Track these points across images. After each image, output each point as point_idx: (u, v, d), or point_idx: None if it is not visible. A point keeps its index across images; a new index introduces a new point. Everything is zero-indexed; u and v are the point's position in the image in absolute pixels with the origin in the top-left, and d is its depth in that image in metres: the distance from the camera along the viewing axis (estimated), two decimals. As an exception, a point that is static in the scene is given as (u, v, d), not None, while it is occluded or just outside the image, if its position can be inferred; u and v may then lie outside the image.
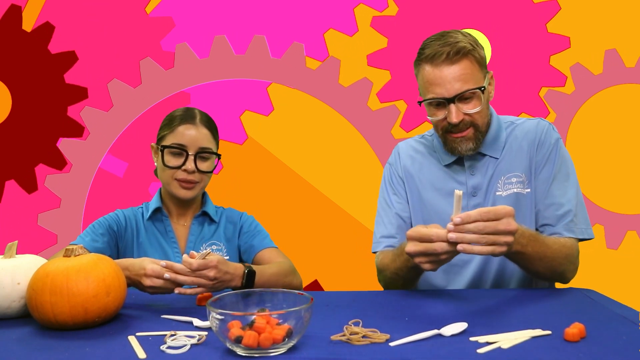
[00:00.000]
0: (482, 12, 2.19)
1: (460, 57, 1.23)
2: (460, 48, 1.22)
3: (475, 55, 1.25)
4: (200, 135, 1.40)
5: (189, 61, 2.26)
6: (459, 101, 1.24)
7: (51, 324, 0.96)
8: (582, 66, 2.17)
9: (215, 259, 1.10)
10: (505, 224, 1.00)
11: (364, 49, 2.22)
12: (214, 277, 1.10)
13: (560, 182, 1.29)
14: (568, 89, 2.18)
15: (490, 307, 1.06)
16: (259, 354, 0.80)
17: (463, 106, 1.25)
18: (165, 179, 1.42)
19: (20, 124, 2.26)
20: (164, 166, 1.40)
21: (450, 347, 0.83)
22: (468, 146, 1.29)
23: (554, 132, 1.33)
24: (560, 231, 1.26)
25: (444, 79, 1.23)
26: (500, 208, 1.00)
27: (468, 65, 1.24)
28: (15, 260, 1.07)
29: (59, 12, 2.24)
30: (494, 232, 0.99)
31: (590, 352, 0.79)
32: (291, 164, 2.25)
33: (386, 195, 1.43)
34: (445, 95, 1.24)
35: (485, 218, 0.99)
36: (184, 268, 1.09)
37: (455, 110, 1.24)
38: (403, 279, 1.26)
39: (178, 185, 1.40)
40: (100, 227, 1.39)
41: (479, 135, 1.29)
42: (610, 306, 1.05)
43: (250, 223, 1.50)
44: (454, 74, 1.23)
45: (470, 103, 1.25)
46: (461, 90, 1.23)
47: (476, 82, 1.25)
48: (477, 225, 0.99)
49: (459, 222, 0.99)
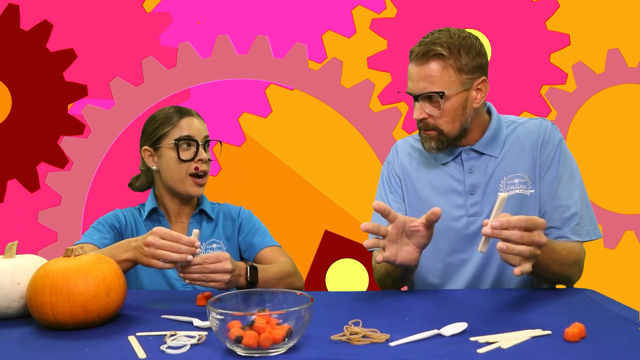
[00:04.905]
0: (481, 11, 2.19)
1: (427, 58, 1.25)
2: (429, 50, 1.24)
3: (448, 61, 1.24)
4: (201, 125, 1.43)
5: (191, 60, 2.26)
6: (422, 100, 1.27)
7: (51, 324, 0.96)
8: (585, 65, 2.17)
9: (225, 253, 1.11)
10: (538, 236, 0.98)
11: (363, 51, 2.22)
12: (232, 269, 1.11)
13: (566, 184, 1.29)
14: (570, 88, 2.18)
15: (490, 307, 1.06)
16: (259, 354, 0.80)
17: (426, 106, 1.27)
18: (178, 176, 1.39)
19: (20, 123, 2.26)
20: (180, 161, 1.37)
21: (450, 347, 0.83)
22: (430, 145, 1.31)
23: (557, 132, 1.33)
24: (568, 235, 1.26)
25: (413, 76, 1.28)
26: (537, 219, 0.98)
27: (436, 68, 1.24)
28: (15, 260, 1.07)
29: (57, 10, 2.24)
30: (528, 243, 0.98)
31: (590, 352, 0.79)
32: (292, 165, 2.25)
33: (383, 193, 1.43)
34: (412, 91, 1.29)
35: (524, 227, 0.97)
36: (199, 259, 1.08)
37: (418, 108, 1.28)
38: (392, 276, 1.26)
39: (192, 183, 1.39)
40: (103, 225, 1.39)
41: (442, 139, 1.30)
42: (610, 306, 1.05)
43: (250, 220, 1.49)
44: (420, 73, 1.26)
45: (432, 105, 1.27)
46: (422, 91, 1.26)
47: (443, 86, 1.25)
48: (514, 234, 0.96)
49: (498, 226, 0.96)
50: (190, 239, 1.07)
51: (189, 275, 1.09)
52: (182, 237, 1.07)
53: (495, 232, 0.95)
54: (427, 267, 1.35)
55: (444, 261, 1.34)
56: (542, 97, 2.18)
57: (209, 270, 1.09)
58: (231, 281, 1.13)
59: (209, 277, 1.09)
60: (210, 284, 1.10)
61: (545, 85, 2.18)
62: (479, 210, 1.31)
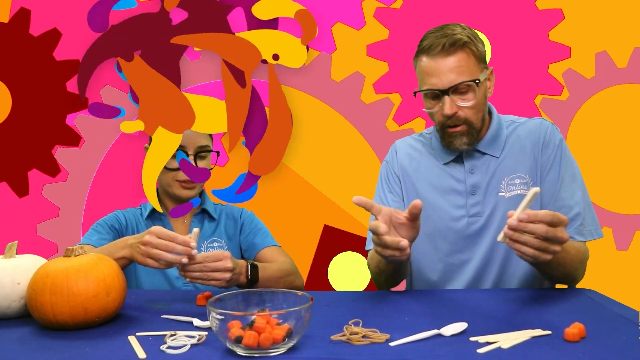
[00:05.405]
0: (485, 12, 2.17)
1: (455, 48, 1.23)
2: (456, 40, 1.23)
3: (472, 49, 1.25)
4: (197, 134, 1.40)
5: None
6: (453, 93, 1.25)
7: (51, 324, 0.96)
8: (575, 71, 2.16)
9: (226, 252, 1.11)
10: (561, 232, 0.98)
11: (364, 40, 2.21)
12: (233, 267, 1.11)
13: (568, 184, 1.29)
14: (563, 96, 2.18)
15: (490, 307, 1.06)
16: (259, 354, 0.80)
17: (457, 99, 1.25)
18: (166, 181, 1.42)
19: (17, 127, 2.25)
20: (165, 169, 1.38)
21: (450, 347, 0.83)
22: (462, 141, 1.29)
23: (558, 132, 1.34)
24: (572, 235, 1.25)
25: (439, 70, 1.24)
26: (561, 215, 0.98)
27: (464, 58, 1.24)
28: (15, 260, 1.07)
29: (67, 20, 2.23)
30: (552, 239, 0.98)
31: (590, 352, 0.79)
32: (286, 161, 2.24)
33: (382, 193, 1.42)
34: (439, 86, 1.25)
35: (549, 222, 0.97)
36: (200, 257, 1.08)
37: (449, 102, 1.25)
38: (384, 273, 1.26)
39: (179, 186, 1.40)
40: (103, 227, 1.39)
41: (473, 132, 1.29)
42: (610, 306, 1.05)
43: (251, 220, 1.50)
44: (448, 65, 1.24)
45: (464, 96, 1.25)
46: (455, 82, 1.23)
47: (471, 75, 1.25)
48: (539, 227, 0.96)
49: (525, 219, 0.96)
50: (185, 238, 1.06)
51: (189, 273, 1.09)
52: (177, 236, 1.07)
53: (522, 225, 0.96)
54: (427, 267, 1.35)
55: (444, 261, 1.34)
56: (535, 106, 2.18)
57: (210, 269, 1.09)
58: (232, 279, 1.13)
59: (209, 276, 1.09)
60: (211, 283, 1.10)
61: (540, 94, 2.18)
62: (479, 210, 1.31)
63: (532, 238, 0.97)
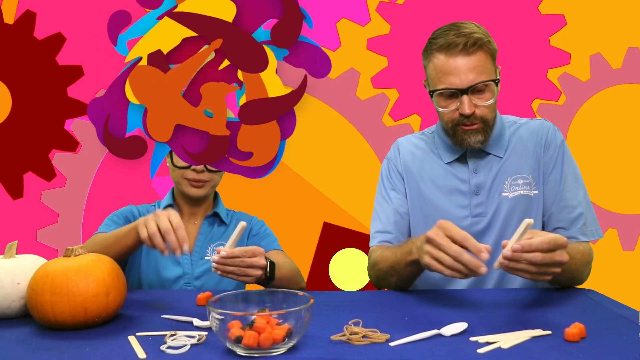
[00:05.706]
0: (487, 13, 2.17)
1: (476, 48, 1.22)
2: (477, 39, 1.22)
3: (490, 48, 1.25)
4: None
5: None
6: (471, 93, 1.24)
7: (51, 324, 0.96)
8: (570, 75, 2.16)
9: (260, 248, 1.12)
10: (559, 255, 0.96)
11: (364, 34, 2.20)
12: (265, 265, 1.12)
13: (570, 184, 1.29)
14: (560, 100, 2.17)
15: (490, 307, 1.06)
16: (259, 354, 0.80)
17: (475, 98, 1.25)
18: (176, 178, 1.45)
19: (15, 128, 2.25)
20: (173, 167, 1.42)
21: (450, 347, 0.83)
22: (477, 138, 1.27)
23: (559, 133, 1.34)
24: (576, 235, 1.26)
25: (459, 70, 1.23)
26: (559, 238, 0.96)
27: (482, 57, 1.23)
28: (15, 260, 1.07)
29: (72, 25, 2.22)
30: (550, 264, 0.96)
31: (590, 352, 0.79)
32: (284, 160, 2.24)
33: (384, 190, 1.41)
34: (459, 85, 1.23)
35: (546, 249, 0.94)
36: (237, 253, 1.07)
37: (468, 101, 1.24)
38: (398, 274, 1.22)
39: (188, 184, 1.42)
40: (119, 217, 1.42)
41: (487, 129, 1.29)
42: (610, 306, 1.05)
43: (260, 226, 1.53)
44: (469, 64, 1.22)
45: (482, 95, 1.25)
46: (475, 82, 1.23)
47: (489, 75, 1.25)
48: (535, 256, 0.94)
49: (519, 249, 0.93)
50: (182, 236, 1.05)
51: (223, 267, 1.07)
52: (180, 228, 1.05)
53: (516, 255, 0.94)
54: (428, 267, 1.35)
55: None
56: (532, 110, 2.17)
57: (247, 265, 1.09)
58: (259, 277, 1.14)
59: (244, 272, 1.09)
60: (242, 278, 1.10)
61: (538, 99, 2.17)
62: (483, 210, 1.31)
63: (529, 265, 0.95)
